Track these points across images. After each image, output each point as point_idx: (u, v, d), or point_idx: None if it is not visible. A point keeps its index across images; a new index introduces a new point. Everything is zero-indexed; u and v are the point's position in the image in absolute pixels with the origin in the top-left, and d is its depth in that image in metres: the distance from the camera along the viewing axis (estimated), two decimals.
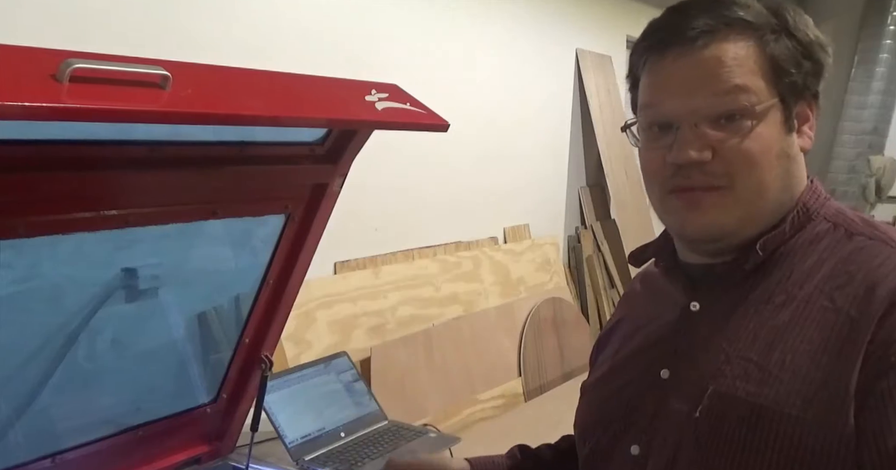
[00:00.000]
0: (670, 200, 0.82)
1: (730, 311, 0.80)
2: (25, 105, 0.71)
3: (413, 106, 1.15)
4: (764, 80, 0.77)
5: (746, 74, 0.76)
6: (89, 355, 1.26)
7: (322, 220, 1.33)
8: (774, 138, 0.78)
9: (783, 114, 0.78)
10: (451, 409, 2.64)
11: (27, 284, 1.13)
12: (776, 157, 0.78)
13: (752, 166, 0.77)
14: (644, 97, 0.83)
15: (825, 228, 0.81)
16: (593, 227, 3.95)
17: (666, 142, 0.79)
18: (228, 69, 1.00)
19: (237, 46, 2.20)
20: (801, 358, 0.73)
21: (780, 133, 0.78)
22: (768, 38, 0.77)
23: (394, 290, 2.69)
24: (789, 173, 0.80)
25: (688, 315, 0.84)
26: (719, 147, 0.77)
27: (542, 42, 3.57)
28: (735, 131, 0.77)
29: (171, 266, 1.30)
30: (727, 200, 0.78)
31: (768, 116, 0.77)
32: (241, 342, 1.42)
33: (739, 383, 0.75)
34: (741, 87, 0.76)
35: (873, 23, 4.75)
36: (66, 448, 1.21)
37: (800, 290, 0.77)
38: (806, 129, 0.82)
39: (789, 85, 0.78)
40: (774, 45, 0.77)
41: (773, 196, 0.79)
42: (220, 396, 1.46)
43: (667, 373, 0.83)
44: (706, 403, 0.77)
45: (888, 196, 4.71)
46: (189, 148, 1.10)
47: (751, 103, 0.76)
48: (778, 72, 0.77)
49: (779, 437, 0.71)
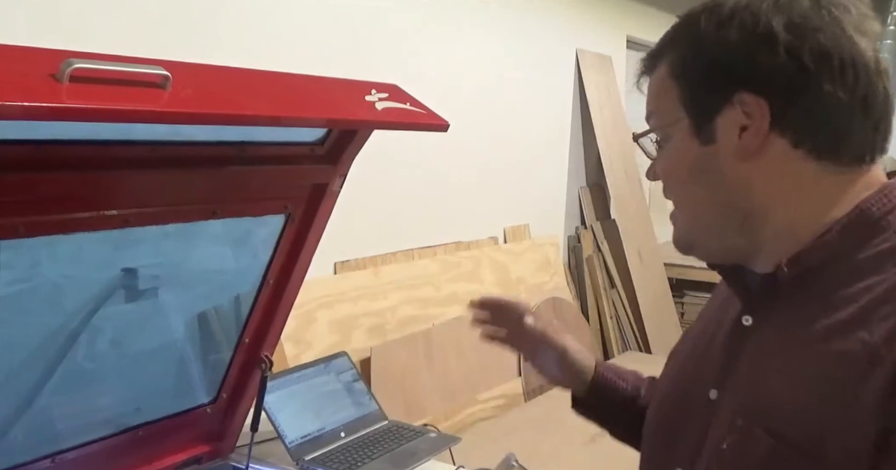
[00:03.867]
0: None
1: (777, 332, 0.74)
2: (25, 105, 0.71)
3: (413, 106, 1.15)
4: (672, 99, 0.76)
5: (657, 97, 0.79)
6: (89, 355, 1.26)
7: (322, 220, 1.33)
8: (684, 154, 0.77)
9: (694, 128, 0.75)
10: (451, 409, 2.64)
11: (27, 284, 1.13)
12: (688, 172, 0.77)
13: (668, 186, 0.81)
14: None
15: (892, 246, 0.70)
16: (593, 227, 3.95)
17: None
18: (228, 69, 1.00)
19: (237, 46, 2.20)
20: (837, 393, 0.65)
21: (691, 147, 0.76)
22: (673, 60, 0.76)
23: (394, 290, 2.69)
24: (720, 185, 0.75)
25: (739, 331, 0.78)
26: None
27: (542, 42, 3.57)
28: (660, 153, 0.81)
29: (171, 266, 1.30)
30: (679, 218, 0.82)
31: (675, 134, 0.77)
32: (241, 342, 1.42)
33: (772, 415, 0.69)
34: (654, 112, 0.80)
35: None
36: (66, 448, 1.21)
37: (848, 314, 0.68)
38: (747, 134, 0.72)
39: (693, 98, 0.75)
40: (678, 65, 0.76)
41: (711, 210, 0.77)
42: (220, 396, 1.46)
43: (715, 394, 0.78)
44: (733, 436, 0.72)
45: None
46: (189, 148, 1.10)
47: (658, 125, 0.79)
48: (683, 88, 0.75)
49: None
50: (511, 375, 2.99)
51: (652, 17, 4.48)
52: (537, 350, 1.09)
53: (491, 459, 1.37)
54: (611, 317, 3.84)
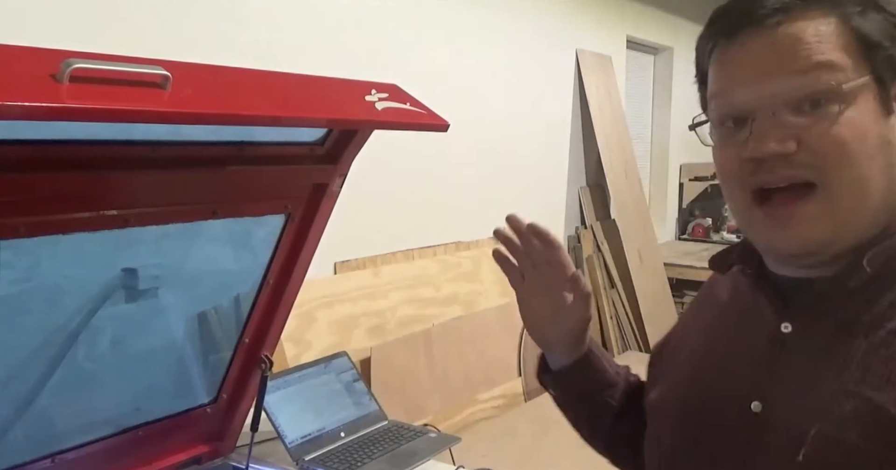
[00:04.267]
0: (754, 215, 0.71)
1: (831, 335, 0.69)
2: (25, 105, 0.71)
3: (413, 106, 1.15)
4: (851, 56, 0.66)
5: (830, 51, 0.65)
6: (89, 355, 1.26)
7: (322, 221, 1.33)
8: (870, 123, 0.66)
9: (879, 94, 0.67)
10: (451, 409, 2.64)
11: (27, 284, 1.13)
12: (874, 145, 0.66)
13: (845, 157, 0.65)
14: (713, 87, 0.73)
15: None
16: (593, 227, 3.95)
17: (742, 136, 0.69)
18: (228, 69, 1.00)
19: (237, 46, 2.20)
20: None
21: (876, 117, 0.67)
22: (852, 12, 0.67)
23: (394, 290, 2.69)
24: (892, 166, 0.68)
25: (781, 338, 0.72)
26: (804, 136, 0.66)
27: (542, 42, 3.57)
28: (821, 117, 0.65)
29: (171, 266, 1.30)
30: (824, 208, 0.67)
31: (859, 98, 0.66)
32: (241, 342, 1.42)
33: (852, 425, 0.64)
34: (824, 64, 0.65)
35: None
36: (66, 448, 1.21)
37: None
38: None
39: (884, 60, 0.67)
40: (860, 18, 0.67)
41: (875, 194, 0.67)
42: (220, 396, 1.45)
43: (759, 406, 0.72)
44: (811, 446, 0.66)
45: None
46: (189, 148, 1.10)
47: (837, 82, 0.65)
48: (868, 46, 0.66)
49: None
50: (511, 375, 2.99)
51: (652, 17, 4.48)
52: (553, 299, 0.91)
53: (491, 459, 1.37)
54: (611, 317, 3.84)
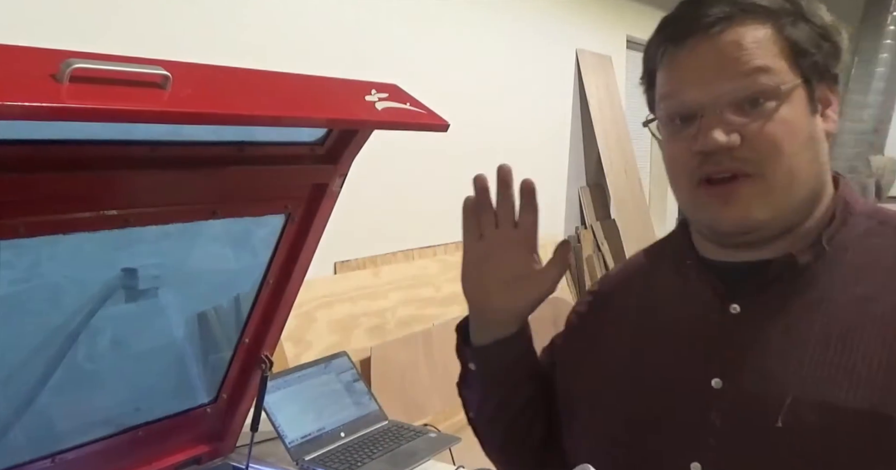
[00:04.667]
0: (700, 195, 0.78)
1: (783, 312, 0.76)
2: (25, 105, 0.71)
3: (413, 106, 1.15)
4: (785, 61, 0.75)
5: (767, 56, 0.74)
6: (89, 355, 1.26)
7: (322, 220, 1.33)
8: (800, 121, 0.75)
9: (807, 95, 0.76)
10: (451, 409, 2.64)
11: (27, 284, 1.13)
12: (803, 140, 0.76)
13: (778, 151, 0.74)
14: (663, 88, 0.80)
15: (870, 225, 0.79)
16: (593, 227, 3.95)
17: (690, 132, 0.77)
18: (228, 69, 1.00)
19: (238, 46, 2.20)
20: (888, 359, 0.70)
21: (805, 115, 0.76)
22: (785, 22, 0.76)
23: (394, 290, 2.69)
24: (818, 159, 0.78)
25: (731, 319, 0.79)
26: (745, 132, 0.74)
27: (542, 42, 3.57)
28: (759, 115, 0.74)
29: (171, 266, 1.30)
30: (760, 190, 0.75)
31: (792, 97, 0.75)
32: (241, 342, 1.42)
33: (828, 389, 0.71)
34: (762, 69, 0.74)
35: (873, 23, 4.74)
36: (66, 448, 1.21)
37: (866, 289, 0.74)
38: (829, 112, 0.79)
39: (811, 65, 0.76)
40: (792, 28, 0.76)
41: (804, 183, 0.77)
42: (220, 396, 1.45)
43: (720, 383, 0.77)
44: (789, 412, 0.72)
45: (888, 196, 4.70)
46: (189, 148, 1.10)
47: (775, 83, 0.74)
48: (798, 53, 0.75)
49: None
50: None
51: (652, 17, 4.47)
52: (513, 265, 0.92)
53: None
54: None
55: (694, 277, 0.84)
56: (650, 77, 0.83)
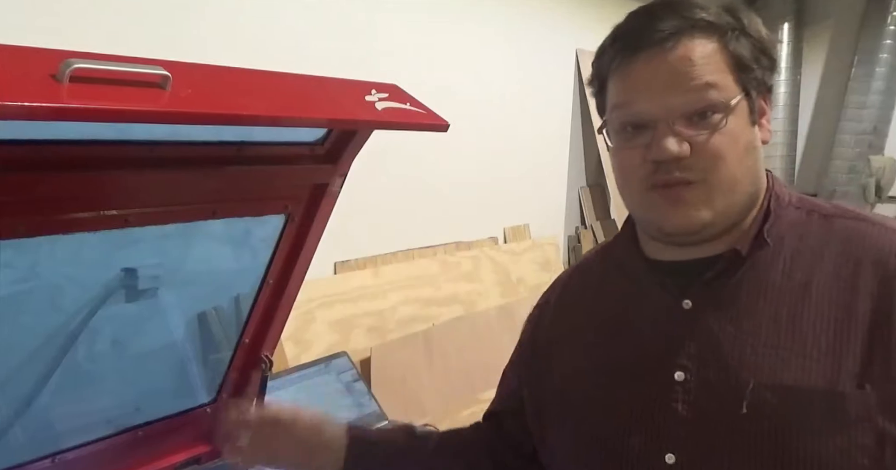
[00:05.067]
0: (650, 197, 0.83)
1: (731, 303, 0.82)
2: (25, 105, 0.71)
3: (413, 106, 1.15)
4: (731, 75, 0.81)
5: (715, 72, 0.80)
6: (89, 355, 1.26)
7: (322, 221, 1.33)
8: (742, 132, 0.82)
9: (748, 108, 0.83)
10: (451, 409, 2.64)
11: (27, 284, 1.13)
12: (743, 150, 0.82)
13: (723, 160, 0.80)
14: (616, 98, 0.85)
15: (799, 215, 0.86)
16: (593, 227, 3.95)
17: (642, 140, 0.82)
18: (228, 69, 1.00)
19: (237, 46, 2.20)
20: (835, 338, 0.76)
21: (746, 126, 0.83)
22: (730, 37, 0.82)
23: (394, 290, 2.69)
24: (755, 165, 0.84)
25: (685, 314, 0.84)
26: (693, 142, 0.80)
27: (542, 42, 3.57)
28: (707, 127, 0.80)
29: (171, 266, 1.30)
30: (704, 194, 0.81)
31: (737, 111, 0.81)
32: (241, 342, 1.42)
33: (785, 373, 0.76)
34: (711, 84, 0.80)
35: (873, 23, 4.74)
36: (66, 448, 1.21)
37: (804, 274, 0.81)
38: (764, 121, 0.86)
39: (752, 79, 0.83)
40: (735, 43, 0.82)
41: (744, 187, 0.83)
42: (220, 396, 1.45)
43: (682, 375, 0.82)
44: (752, 397, 0.77)
45: (888, 196, 4.70)
46: (189, 148, 1.10)
47: (723, 99, 0.80)
48: (741, 67, 0.82)
49: (855, 416, 0.73)
50: None
51: None
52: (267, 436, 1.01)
53: None
54: None
55: (645, 279, 0.89)
56: (601, 83, 0.89)
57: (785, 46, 4.71)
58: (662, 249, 0.89)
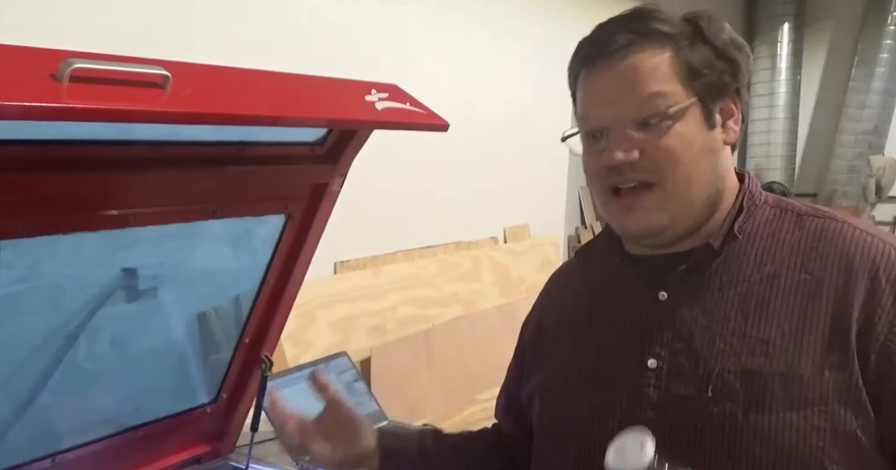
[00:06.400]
0: (611, 204, 0.89)
1: (704, 295, 0.87)
2: (25, 105, 0.71)
3: (413, 106, 1.15)
4: (680, 83, 0.85)
5: (661, 81, 0.84)
6: (89, 355, 1.26)
7: (322, 220, 1.33)
8: (695, 135, 0.85)
9: (703, 112, 0.86)
10: (451, 409, 2.64)
11: (27, 284, 1.13)
12: (699, 152, 0.85)
13: (676, 163, 0.84)
14: (579, 109, 0.91)
15: (774, 213, 0.90)
16: (593, 227, 3.95)
17: (600, 147, 0.88)
18: (228, 69, 1.00)
19: (237, 46, 2.20)
20: (798, 326, 0.81)
21: (701, 130, 0.86)
22: (682, 45, 0.85)
23: (394, 290, 2.69)
24: (715, 167, 0.88)
25: (661, 305, 0.89)
26: (645, 147, 0.84)
27: (541, 42, 3.57)
28: (656, 131, 0.84)
29: (171, 266, 1.30)
30: (659, 199, 0.85)
31: (686, 115, 0.84)
32: (241, 342, 1.42)
33: (748, 358, 0.81)
34: (657, 94, 0.84)
35: (873, 23, 4.74)
36: (66, 448, 1.21)
37: (773, 267, 0.86)
38: (731, 123, 0.89)
39: (705, 85, 0.86)
40: (688, 51, 0.85)
41: (700, 189, 0.86)
42: (220, 396, 1.45)
43: (654, 363, 0.87)
44: (717, 382, 0.82)
45: (888, 196, 4.70)
46: (189, 148, 1.10)
47: (666, 107, 0.84)
48: (692, 74, 0.85)
49: (812, 399, 0.78)
50: None
51: None
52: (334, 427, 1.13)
53: None
54: None
55: (624, 271, 0.95)
56: (573, 93, 0.94)
57: (785, 46, 4.70)
58: (633, 245, 0.95)
